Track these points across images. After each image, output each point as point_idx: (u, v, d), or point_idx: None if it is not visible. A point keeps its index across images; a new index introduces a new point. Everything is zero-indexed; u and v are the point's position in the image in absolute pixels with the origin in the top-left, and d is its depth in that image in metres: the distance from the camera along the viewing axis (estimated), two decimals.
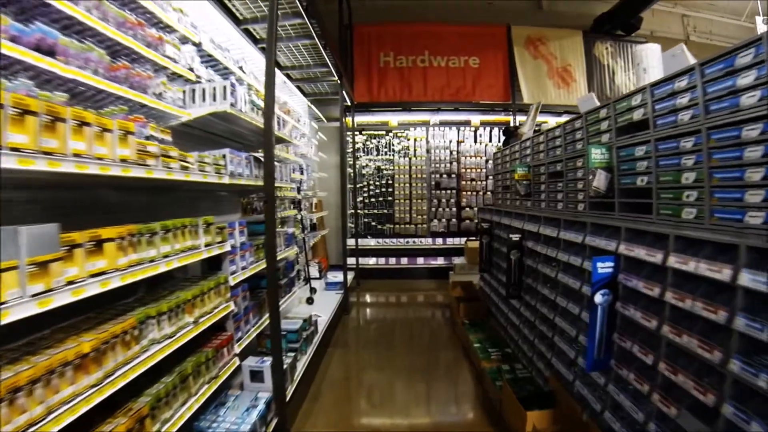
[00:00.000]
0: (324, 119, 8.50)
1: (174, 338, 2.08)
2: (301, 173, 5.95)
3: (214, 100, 2.80)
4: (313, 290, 5.87)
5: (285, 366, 3.07)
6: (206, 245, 2.43)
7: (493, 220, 5.03)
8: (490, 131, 8.74)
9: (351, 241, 7.90)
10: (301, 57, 5.77)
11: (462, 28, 8.53)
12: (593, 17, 9.33)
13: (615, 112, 2.83)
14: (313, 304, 5.48)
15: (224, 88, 2.79)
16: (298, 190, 5.66)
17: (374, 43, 8.42)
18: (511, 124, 8.54)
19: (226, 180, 2.67)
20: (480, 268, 5.19)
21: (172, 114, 2.65)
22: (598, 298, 2.39)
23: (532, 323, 3.71)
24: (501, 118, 8.88)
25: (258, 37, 4.73)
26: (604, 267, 2.38)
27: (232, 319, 2.79)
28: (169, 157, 2.12)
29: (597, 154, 2.82)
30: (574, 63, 9.32)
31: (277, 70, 5.57)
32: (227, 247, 2.69)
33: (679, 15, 10.76)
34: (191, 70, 2.96)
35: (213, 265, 2.77)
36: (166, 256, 2.05)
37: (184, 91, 2.84)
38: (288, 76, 6.19)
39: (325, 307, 5.41)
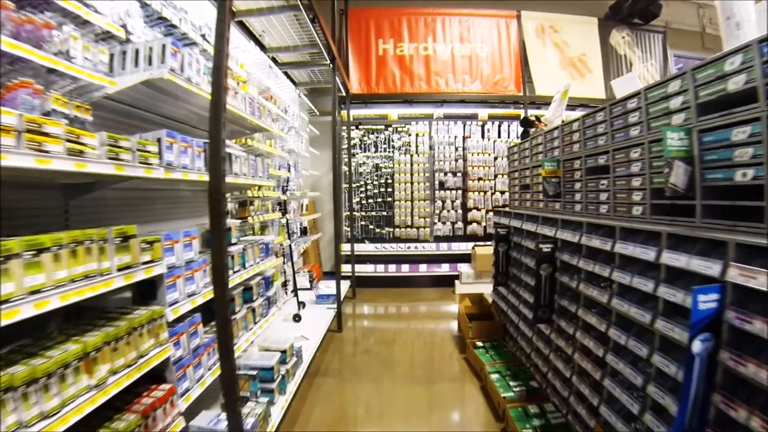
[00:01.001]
0: (317, 112, 7.74)
1: (57, 416, 1.32)
2: (288, 170, 5.18)
3: (150, 64, 2.04)
4: (301, 305, 5.11)
5: (251, 421, 2.30)
6: (121, 269, 1.66)
7: (511, 225, 4.27)
8: (499, 126, 7.99)
9: (347, 247, 7.14)
10: (287, 36, 5.01)
11: (468, 14, 7.79)
12: (609, 4, 8.63)
13: (695, 83, 2.08)
14: (300, 322, 4.72)
15: (163, 48, 2.03)
16: (284, 190, 4.89)
17: (372, 29, 7.67)
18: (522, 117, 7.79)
19: (159, 174, 1.90)
20: (495, 280, 4.43)
21: (91, 83, 1.90)
22: (697, 345, 1.63)
23: (569, 356, 2.96)
24: (511, 111, 8.13)
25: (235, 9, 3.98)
26: (707, 301, 1.62)
27: (173, 365, 2.03)
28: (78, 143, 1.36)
29: (674, 140, 2.06)
30: (589, 52, 8.61)
31: (259, 51, 4.83)
32: (161, 269, 1.93)
33: (695, 6, 10.08)
34: (124, 27, 2.20)
35: (146, 292, 2.01)
36: (35, 292, 1.29)
37: (112, 55, 2.08)
38: (274, 60, 5.44)
39: (314, 326, 4.65)
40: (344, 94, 6.95)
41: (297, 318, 4.70)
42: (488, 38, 7.84)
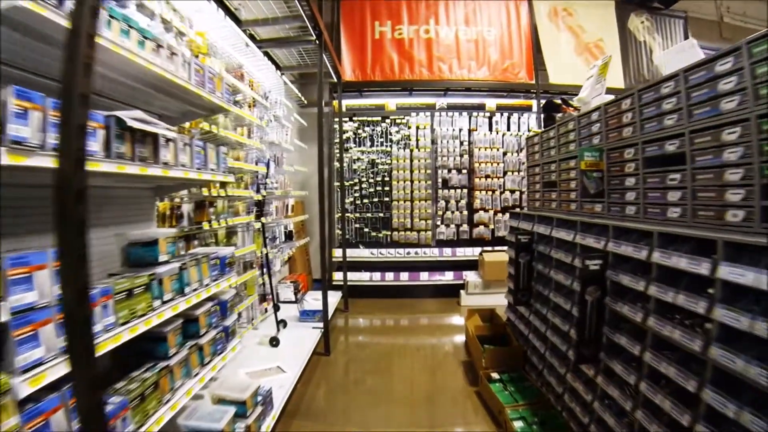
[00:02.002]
0: (305, 101, 6.94)
1: None
2: (268, 166, 4.39)
3: None
4: (281, 324, 4.32)
5: None
6: None
7: (535, 231, 3.49)
8: (509, 118, 7.20)
9: (339, 253, 6.34)
10: (267, 8, 4.22)
11: None
12: None
13: None
14: (278, 347, 3.93)
15: None
16: (259, 188, 4.10)
17: (368, 10, 6.87)
18: (536, 108, 7.02)
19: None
20: (514, 297, 3.64)
21: None
22: None
23: (626, 411, 2.17)
24: (521, 101, 7.36)
25: None
26: None
27: None
28: None
29: None
30: (606, 38, 7.83)
31: (235, 28, 4.04)
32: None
33: None
34: None
35: None
36: None
37: None
38: (253, 38, 4.64)
39: (296, 350, 3.87)
40: (336, 80, 6.15)
41: (274, 342, 3.91)
42: (496, 21, 7.05)
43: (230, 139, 3.44)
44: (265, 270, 4.24)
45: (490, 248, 6.78)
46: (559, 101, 3.93)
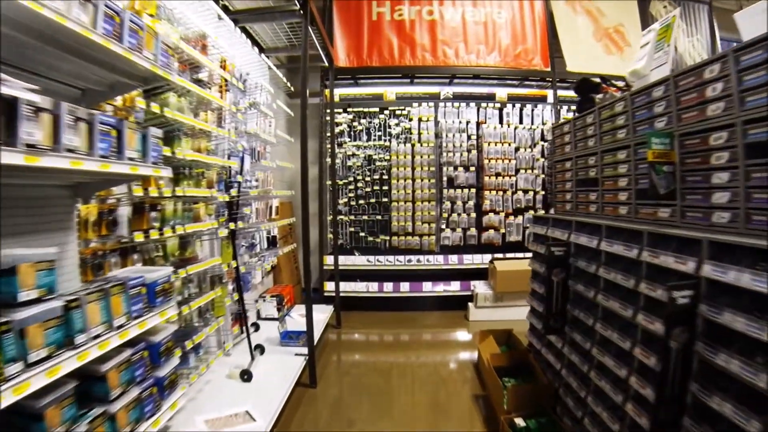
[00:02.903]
0: (295, 90, 6.22)
1: None
2: (242, 161, 3.67)
3: None
4: (257, 350, 3.60)
5: None
6: None
7: (573, 242, 2.77)
8: (521, 110, 6.49)
9: (331, 260, 5.62)
10: None
11: None
12: None
13: None
14: (251, 382, 3.20)
15: None
16: (229, 187, 3.38)
17: None
18: (551, 99, 6.31)
19: None
20: (545, 325, 2.92)
21: None
22: None
23: None
24: (535, 91, 6.65)
25: None
26: None
27: None
28: None
29: None
30: (627, 22, 7.13)
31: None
32: None
33: None
34: None
35: None
36: None
37: None
38: (227, 10, 3.92)
39: (273, 385, 3.15)
40: (327, 65, 5.42)
41: (246, 376, 3.18)
42: (507, 1, 6.33)
43: (186, 124, 2.72)
44: (233, 288, 3.52)
45: (501, 255, 6.07)
46: (597, 80, 3.20)
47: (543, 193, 6.42)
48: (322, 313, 4.89)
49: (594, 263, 2.46)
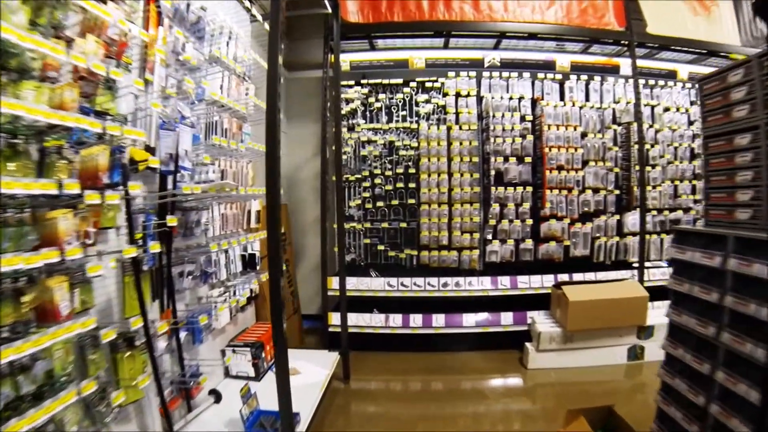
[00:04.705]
0: (293, 63, 4.78)
1: None
2: (177, 139, 2.19)
3: None
4: None
5: None
6: None
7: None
8: (587, 83, 4.90)
9: (337, 282, 4.09)
10: None
11: None
12: None
13: None
14: None
15: None
16: (125, 177, 1.90)
17: None
18: (627, 69, 4.71)
19: None
20: None
21: None
22: None
23: None
24: (605, 60, 5.06)
25: None
26: None
27: None
28: None
29: None
30: None
31: None
32: None
33: None
34: None
35: None
36: None
37: None
38: None
39: None
40: (331, 15, 3.92)
41: None
42: None
43: (19, 48, 1.26)
44: (152, 353, 2.04)
45: (566, 276, 4.50)
46: None
47: (617, 192, 4.83)
48: (321, 367, 3.39)
49: None
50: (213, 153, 2.88)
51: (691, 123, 5.17)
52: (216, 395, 2.77)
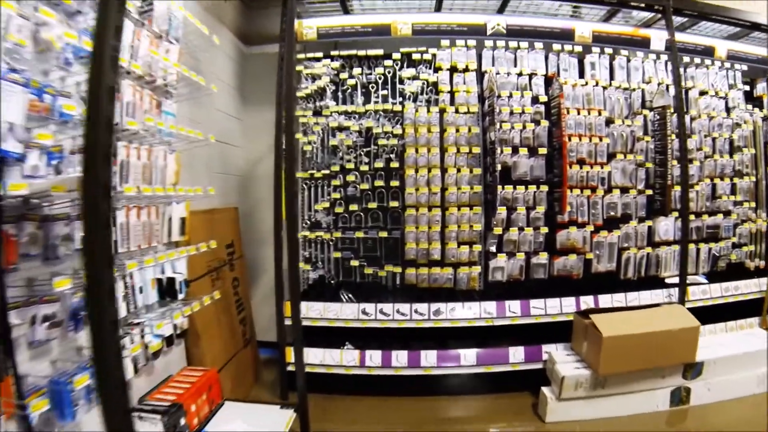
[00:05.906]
0: (249, 35, 3.81)
1: None
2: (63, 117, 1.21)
3: None
4: None
5: None
6: None
7: None
8: (611, 59, 3.98)
9: (302, 309, 3.11)
10: None
11: None
12: None
13: None
14: None
15: None
16: None
17: None
18: (658, 43, 3.79)
19: None
20: None
21: None
22: None
23: None
24: (632, 31, 4.13)
25: None
26: None
27: None
28: None
29: None
30: None
31: None
32: None
33: None
34: None
35: None
36: None
37: None
38: None
39: None
40: None
41: None
42: None
43: None
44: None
45: (590, 297, 3.57)
46: None
47: (649, 193, 3.92)
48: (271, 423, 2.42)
49: None
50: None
51: (729, 110, 4.29)
52: None
